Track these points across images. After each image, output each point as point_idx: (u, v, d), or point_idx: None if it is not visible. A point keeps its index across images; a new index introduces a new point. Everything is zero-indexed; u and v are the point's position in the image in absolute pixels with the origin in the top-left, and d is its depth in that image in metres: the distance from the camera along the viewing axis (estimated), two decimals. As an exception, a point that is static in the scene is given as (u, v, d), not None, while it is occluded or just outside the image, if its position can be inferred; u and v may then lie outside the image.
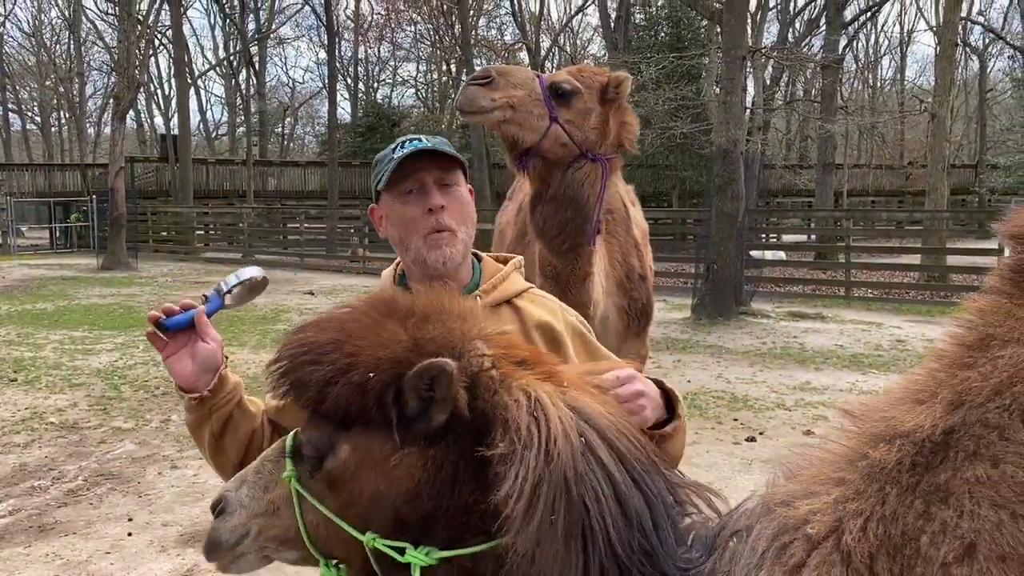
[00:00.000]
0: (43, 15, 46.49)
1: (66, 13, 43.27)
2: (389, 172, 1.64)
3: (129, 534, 4.55)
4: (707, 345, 10.20)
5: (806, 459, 1.13)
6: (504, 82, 3.03)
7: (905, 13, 46.35)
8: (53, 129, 50.03)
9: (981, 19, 38.58)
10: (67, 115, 48.67)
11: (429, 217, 1.63)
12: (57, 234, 30.14)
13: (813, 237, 23.28)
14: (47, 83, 46.45)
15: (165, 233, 28.51)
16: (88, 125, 47.66)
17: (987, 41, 39.85)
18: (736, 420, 6.64)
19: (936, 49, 26.83)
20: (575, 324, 1.75)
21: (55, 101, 47.71)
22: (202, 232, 28.45)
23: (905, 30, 47.34)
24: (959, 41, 23.86)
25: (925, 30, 52.65)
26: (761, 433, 6.26)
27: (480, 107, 3.01)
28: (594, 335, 1.79)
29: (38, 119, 49.19)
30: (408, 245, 1.67)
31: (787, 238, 25.12)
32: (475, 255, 1.79)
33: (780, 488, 1.11)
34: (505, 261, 1.85)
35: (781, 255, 19.35)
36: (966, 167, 39.33)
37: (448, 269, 1.65)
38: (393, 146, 1.68)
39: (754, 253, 15.73)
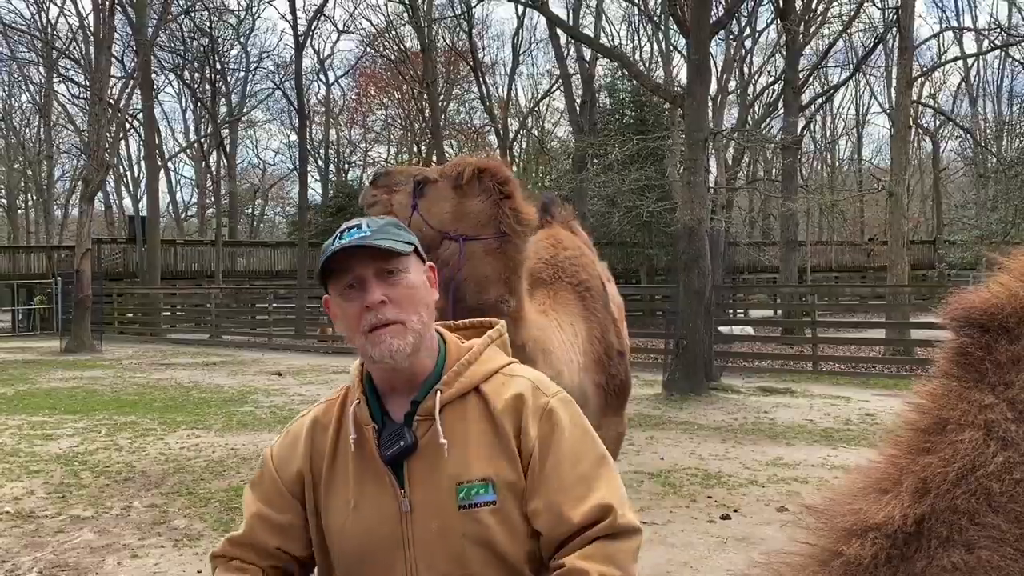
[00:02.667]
0: (13, 99, 46.73)
1: (37, 98, 43.52)
2: (321, 266, 1.50)
3: (85, 629, 4.36)
4: (679, 421, 10.18)
5: (775, 568, 1.08)
6: (385, 180, 3.63)
7: (859, 96, 48.24)
8: (20, 211, 49.69)
9: (932, 102, 40.22)
10: (34, 197, 48.44)
11: (368, 314, 1.47)
12: (20, 317, 29.61)
13: (779, 312, 23.58)
14: (15, 166, 46.36)
15: (131, 315, 28.15)
16: (55, 207, 47.45)
17: (939, 123, 41.47)
18: (710, 497, 6.59)
19: (890, 130, 27.85)
20: (547, 406, 1.51)
21: (23, 184, 47.53)
22: (169, 313, 28.15)
23: (860, 112, 49.19)
24: (912, 123, 24.79)
25: (879, 112, 54.64)
26: (735, 510, 6.21)
27: (367, 202, 3.63)
28: (571, 414, 1.54)
29: (4, 201, 48.87)
30: (355, 342, 1.51)
31: (754, 313, 25.39)
32: (439, 332, 1.61)
33: None
34: (478, 327, 1.67)
35: (749, 330, 19.53)
36: (924, 243, 40.37)
37: (397, 362, 1.48)
38: (335, 235, 1.53)
39: (722, 329, 15.87)
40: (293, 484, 1.57)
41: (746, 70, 34.83)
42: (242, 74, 40.40)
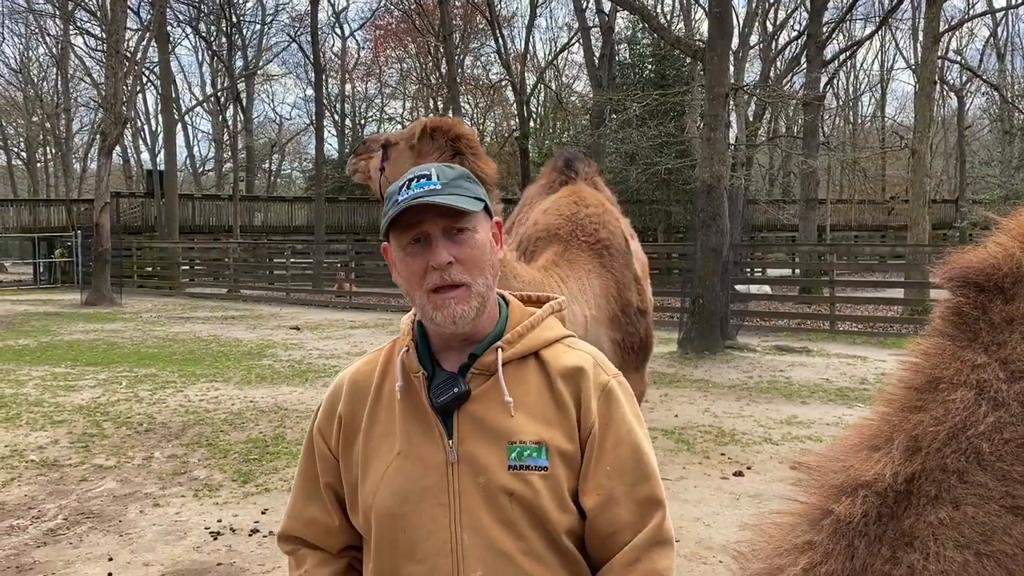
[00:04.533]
0: (30, 52, 46.67)
1: (54, 50, 43.43)
2: (389, 219, 1.44)
3: (109, 574, 4.47)
4: (694, 379, 10.21)
5: (765, 530, 1.09)
6: (363, 149, 3.99)
7: (884, 51, 47.28)
8: (39, 165, 49.94)
9: (958, 58, 39.35)
10: (53, 151, 48.62)
11: (433, 273, 1.41)
12: (41, 270, 29.95)
13: (797, 271, 23.42)
14: (33, 119, 46.47)
15: (150, 268, 28.40)
16: (74, 161, 47.61)
17: (965, 79, 40.60)
18: (723, 455, 6.63)
19: (915, 87, 27.33)
20: (607, 385, 1.48)
21: (41, 137, 47.70)
22: (187, 267, 28.36)
23: (884, 68, 48.20)
24: (937, 79, 24.25)
25: (904, 68, 53.66)
26: (749, 467, 6.25)
27: (350, 171, 4.00)
28: (630, 398, 1.52)
29: (24, 155, 49.09)
30: (414, 299, 1.46)
31: (772, 272, 25.26)
32: (501, 296, 1.56)
33: (748, 570, 1.08)
34: (540, 302, 1.60)
35: (766, 289, 19.45)
36: (947, 202, 39.82)
37: (459, 327, 1.43)
38: (402, 182, 1.47)
39: (739, 287, 15.81)
40: (335, 444, 1.52)
41: (769, 24, 34.12)
42: (258, 27, 40.16)
